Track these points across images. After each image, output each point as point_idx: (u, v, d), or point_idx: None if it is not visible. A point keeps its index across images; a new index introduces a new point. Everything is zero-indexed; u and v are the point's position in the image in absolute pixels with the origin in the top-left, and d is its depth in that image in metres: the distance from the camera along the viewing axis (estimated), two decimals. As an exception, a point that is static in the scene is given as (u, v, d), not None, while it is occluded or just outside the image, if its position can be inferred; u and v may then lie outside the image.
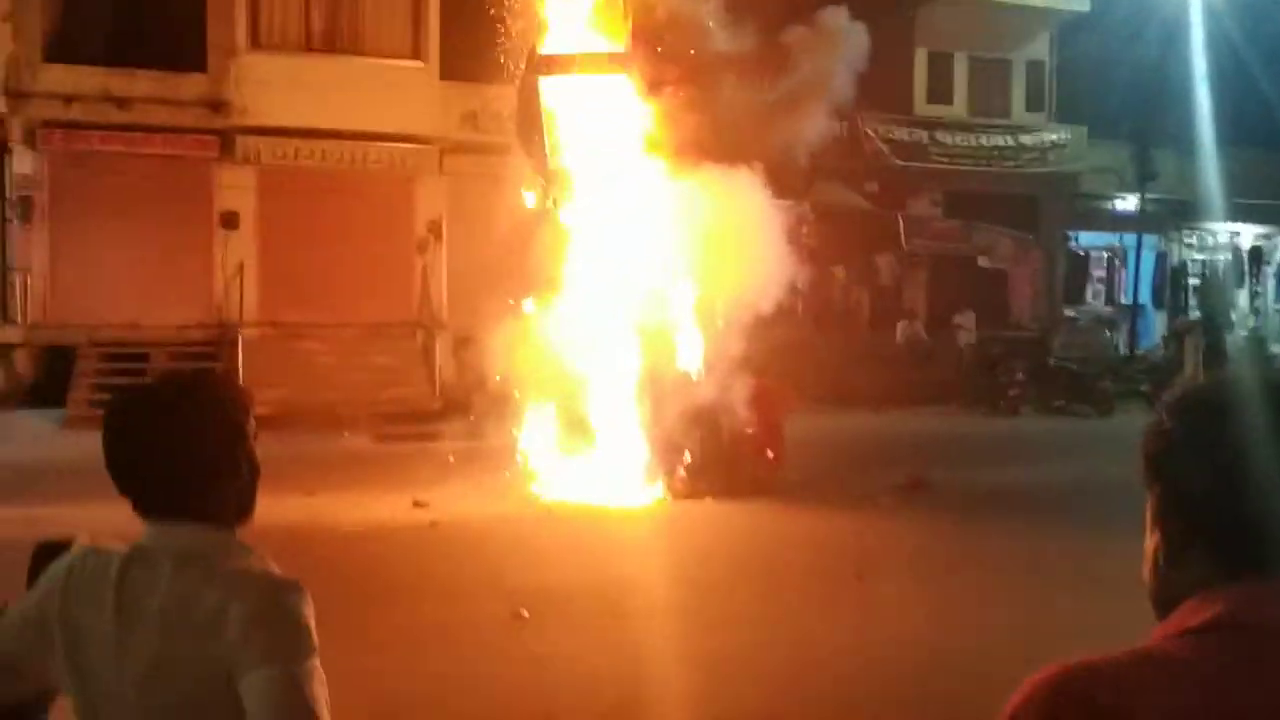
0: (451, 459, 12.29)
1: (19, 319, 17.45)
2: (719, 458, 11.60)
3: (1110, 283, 25.43)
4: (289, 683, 1.51)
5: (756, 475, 11.48)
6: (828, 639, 6.46)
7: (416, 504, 10.51)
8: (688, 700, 5.49)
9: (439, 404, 17.51)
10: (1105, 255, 25.44)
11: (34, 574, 1.89)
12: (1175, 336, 16.54)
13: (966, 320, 21.69)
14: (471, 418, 14.16)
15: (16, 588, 1.97)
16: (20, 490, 10.46)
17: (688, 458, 11.74)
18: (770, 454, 11.83)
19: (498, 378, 12.68)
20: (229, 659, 1.52)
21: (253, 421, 1.74)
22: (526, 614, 6.90)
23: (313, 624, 1.57)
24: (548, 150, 12.36)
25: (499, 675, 5.87)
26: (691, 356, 12.76)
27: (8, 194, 17.58)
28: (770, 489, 11.30)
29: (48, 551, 1.91)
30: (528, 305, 12.94)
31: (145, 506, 1.67)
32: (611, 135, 12.76)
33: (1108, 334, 23.16)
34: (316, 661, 1.54)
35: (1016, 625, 6.51)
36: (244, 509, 1.70)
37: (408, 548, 8.77)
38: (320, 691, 1.52)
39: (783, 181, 14.10)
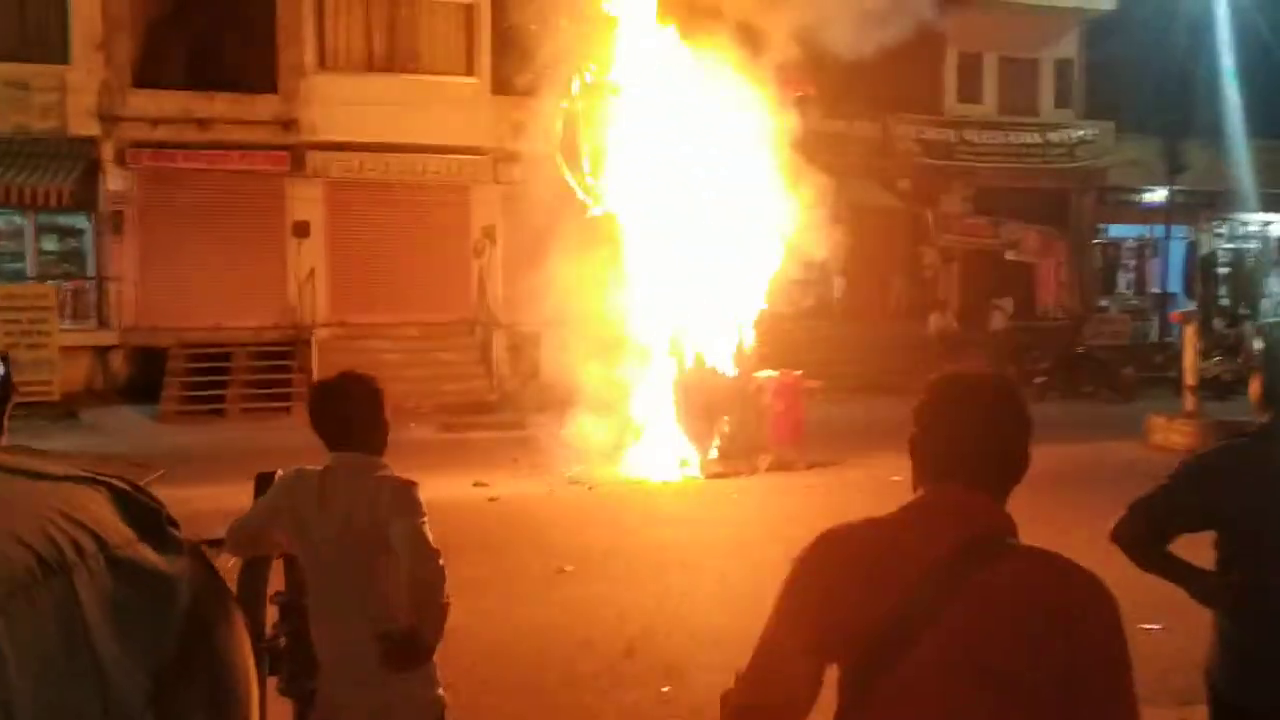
0: (508, 445, 13.63)
1: (114, 324, 19.10)
2: (746, 440, 12.83)
3: (1141, 273, 26.16)
4: (415, 526, 2.84)
5: (779, 456, 12.69)
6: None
7: (477, 484, 11.84)
8: (699, 631, 6.74)
9: (496, 396, 18.88)
10: (1135, 246, 26.18)
11: (258, 491, 3.24)
12: (1177, 326, 17.41)
13: (1005, 304, 22.64)
14: (525, 408, 15.50)
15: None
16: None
17: (718, 440, 13.00)
18: (791, 437, 13.02)
19: (548, 371, 14.02)
20: (382, 518, 2.85)
21: (385, 396, 3.10)
22: (570, 568, 8.21)
23: (422, 500, 2.91)
24: (588, 170, 13.65)
25: (545, 614, 7.17)
26: (724, 349, 13.98)
27: (101, 210, 19.21)
28: (792, 467, 12.51)
29: (263, 478, 3.27)
30: (576, 303, 14.24)
31: (332, 443, 3.02)
32: (649, 150, 14.00)
33: (1136, 323, 23.92)
34: (426, 519, 2.87)
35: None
36: (383, 445, 3.05)
37: (469, 519, 10.07)
38: (429, 532, 2.85)
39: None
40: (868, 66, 16.45)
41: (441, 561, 2.92)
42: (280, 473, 3.30)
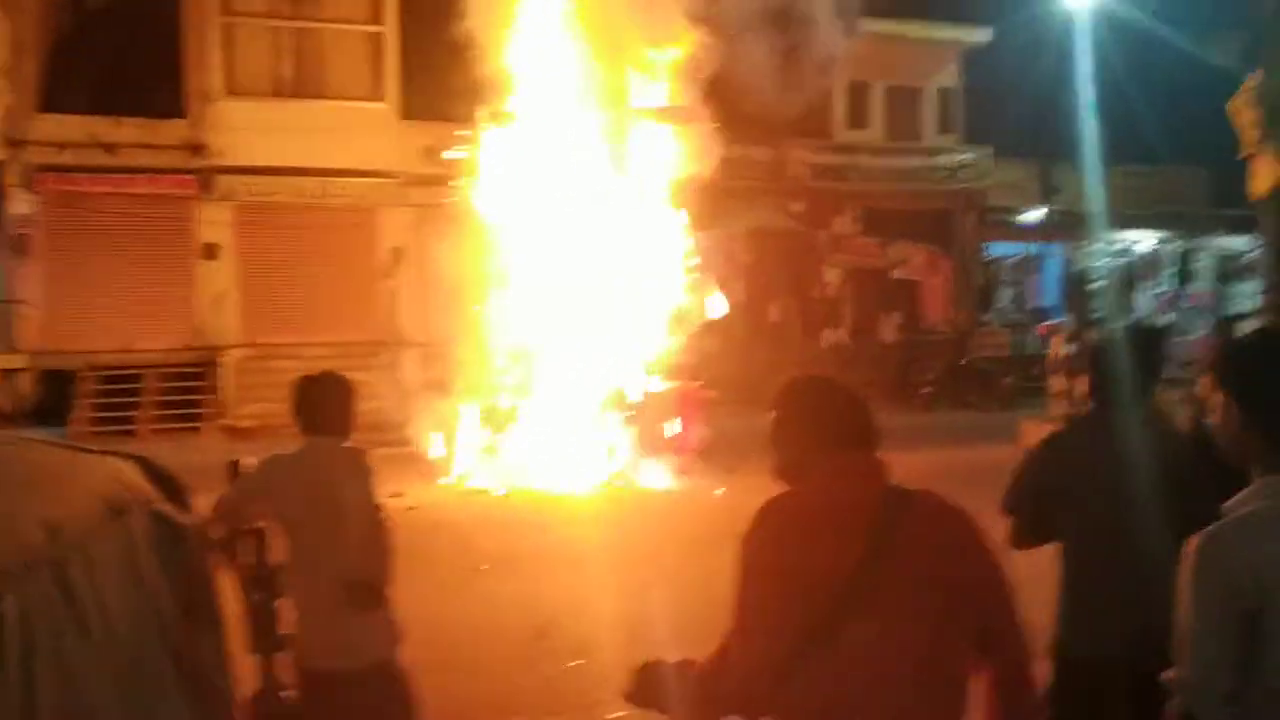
0: (421, 460, 14.15)
1: (20, 347, 19.03)
2: (649, 449, 13.59)
3: (1021, 289, 27.74)
4: (363, 487, 3.60)
5: (681, 464, 13.48)
6: (712, 576, 8.41)
7: (394, 495, 12.34)
8: (602, 616, 7.44)
9: (405, 413, 19.28)
10: (1015, 264, 27.76)
11: (229, 476, 3.86)
12: (1044, 338, 18.78)
13: (892, 317, 23.94)
14: (435, 423, 16.00)
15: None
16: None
17: (623, 451, 13.72)
18: (693, 446, 13.81)
19: (456, 387, 14.60)
20: (340, 482, 3.51)
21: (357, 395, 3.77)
22: (486, 567, 8.85)
23: (370, 465, 3.58)
24: (495, 194, 14.34)
25: (464, 606, 7.81)
26: (628, 365, 14.72)
27: (5, 233, 19.13)
28: (693, 475, 13.30)
29: (231, 465, 3.89)
30: (483, 322, 14.85)
31: (306, 429, 3.66)
32: (551, 175, 14.70)
33: (1016, 336, 25.33)
34: (374, 479, 3.56)
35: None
36: (349, 431, 3.70)
37: (388, 526, 10.64)
38: (374, 490, 3.54)
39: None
40: (763, 94, 17.45)
41: (383, 514, 3.62)
42: (244, 460, 3.93)
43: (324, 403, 3.80)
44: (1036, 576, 3.67)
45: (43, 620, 2.00)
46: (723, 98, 16.88)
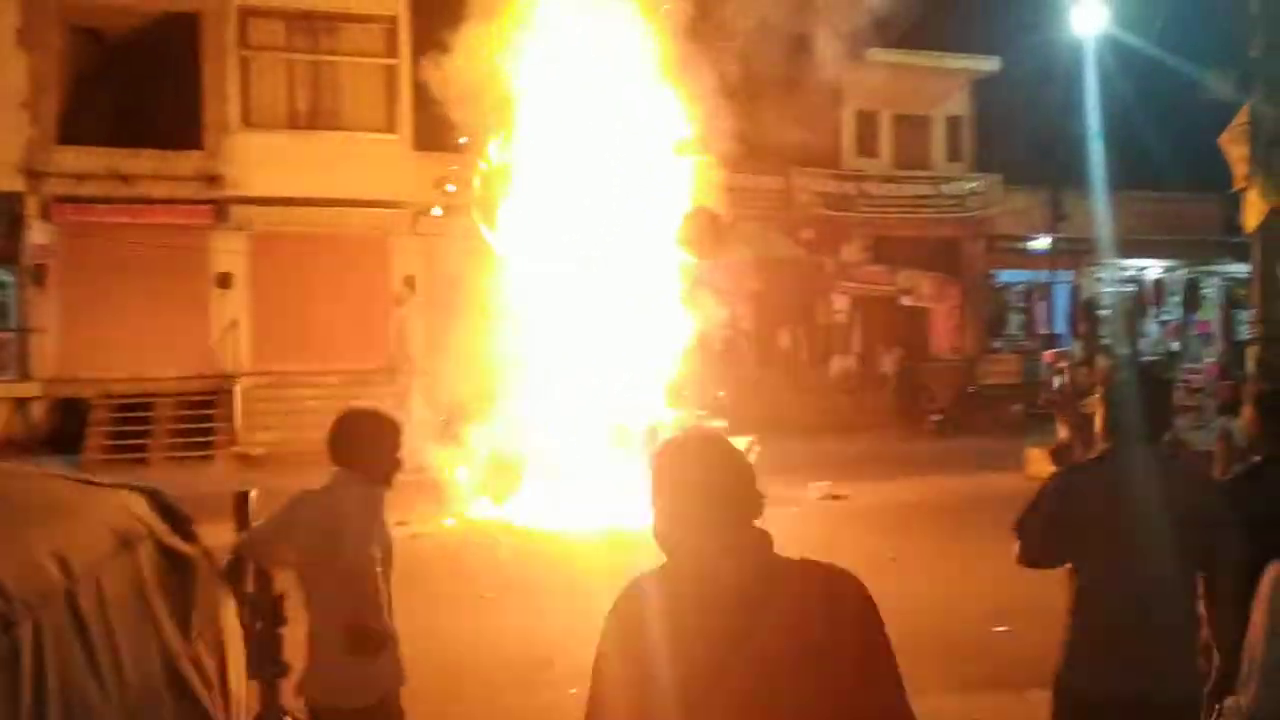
0: (427, 487, 14.24)
1: (36, 375, 19.29)
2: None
3: (1030, 315, 27.81)
4: (360, 530, 3.64)
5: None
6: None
7: (399, 523, 12.45)
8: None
9: (414, 441, 19.41)
10: (1024, 290, 27.85)
11: (236, 507, 3.99)
12: (1050, 365, 18.83)
13: (894, 353, 24.07)
14: (442, 451, 16.12)
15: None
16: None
17: (631, 484, 13.76)
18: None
19: (463, 418, 14.70)
20: (359, 525, 3.61)
21: (401, 435, 3.81)
22: (490, 595, 8.95)
23: (376, 507, 3.68)
24: (503, 225, 14.52)
25: (468, 634, 7.91)
26: (636, 395, 14.81)
27: (24, 263, 19.46)
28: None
29: (240, 496, 4.02)
30: (493, 351, 14.96)
31: (338, 462, 3.75)
32: (561, 205, 14.86)
33: (1025, 363, 25.41)
34: (376, 523, 3.66)
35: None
36: (381, 475, 3.80)
37: (395, 554, 10.75)
38: (371, 533, 3.62)
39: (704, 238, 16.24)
40: (773, 123, 17.63)
41: (375, 555, 3.69)
42: (252, 492, 4.06)
43: (359, 440, 3.80)
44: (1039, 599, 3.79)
45: (54, 650, 2.15)
46: (732, 127, 17.06)
